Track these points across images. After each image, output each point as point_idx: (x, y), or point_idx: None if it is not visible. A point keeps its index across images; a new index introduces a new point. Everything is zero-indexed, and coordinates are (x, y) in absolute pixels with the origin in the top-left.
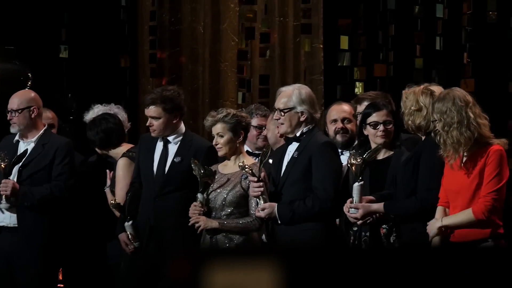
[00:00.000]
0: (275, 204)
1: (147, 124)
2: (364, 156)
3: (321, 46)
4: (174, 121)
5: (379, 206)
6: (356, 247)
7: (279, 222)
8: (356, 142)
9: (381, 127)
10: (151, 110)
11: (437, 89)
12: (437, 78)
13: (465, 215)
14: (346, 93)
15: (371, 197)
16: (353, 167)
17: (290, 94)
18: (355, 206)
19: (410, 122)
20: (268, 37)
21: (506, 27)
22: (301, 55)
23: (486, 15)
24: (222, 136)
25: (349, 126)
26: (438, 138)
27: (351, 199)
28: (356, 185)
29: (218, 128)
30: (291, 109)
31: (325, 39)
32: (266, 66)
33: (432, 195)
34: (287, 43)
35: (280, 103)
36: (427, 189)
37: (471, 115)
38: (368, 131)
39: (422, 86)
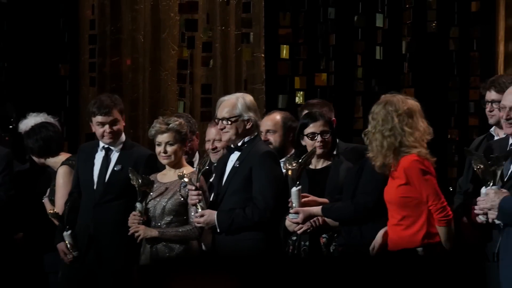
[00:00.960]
0: (215, 212)
1: (108, 130)
2: (299, 160)
3: (262, 55)
4: (123, 126)
5: (317, 210)
6: (295, 256)
7: (218, 230)
8: (292, 152)
9: (318, 138)
10: (113, 114)
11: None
12: (377, 87)
13: (444, 232)
14: (287, 103)
15: (325, 200)
16: (289, 172)
17: (235, 103)
18: (295, 211)
19: None
20: (210, 46)
21: (446, 37)
22: (243, 65)
23: (426, 25)
24: (172, 145)
25: (271, 138)
26: (366, 138)
27: (291, 202)
28: (294, 190)
29: (167, 137)
30: (237, 117)
31: (266, 48)
32: (208, 75)
33: (366, 199)
34: (228, 52)
35: (224, 112)
36: (362, 193)
37: (396, 120)
38: (306, 141)
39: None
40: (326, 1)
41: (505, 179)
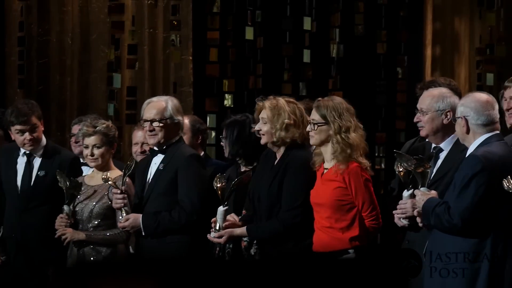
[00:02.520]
0: (140, 215)
1: (28, 138)
2: (233, 182)
3: (191, 58)
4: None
5: (242, 231)
6: (221, 258)
7: (143, 233)
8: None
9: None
10: (31, 121)
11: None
12: (305, 90)
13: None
14: (215, 105)
15: (238, 223)
16: (218, 192)
17: (165, 105)
18: (219, 235)
19: (284, 135)
20: (136, 49)
21: (373, 40)
22: (171, 67)
23: (354, 29)
24: (99, 148)
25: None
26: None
27: (214, 220)
28: (220, 210)
29: (94, 140)
30: (168, 119)
31: (194, 51)
32: (136, 77)
33: (293, 214)
34: (156, 54)
35: (154, 114)
36: (287, 210)
37: (338, 123)
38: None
39: (284, 100)
40: (254, 3)
41: (429, 181)
